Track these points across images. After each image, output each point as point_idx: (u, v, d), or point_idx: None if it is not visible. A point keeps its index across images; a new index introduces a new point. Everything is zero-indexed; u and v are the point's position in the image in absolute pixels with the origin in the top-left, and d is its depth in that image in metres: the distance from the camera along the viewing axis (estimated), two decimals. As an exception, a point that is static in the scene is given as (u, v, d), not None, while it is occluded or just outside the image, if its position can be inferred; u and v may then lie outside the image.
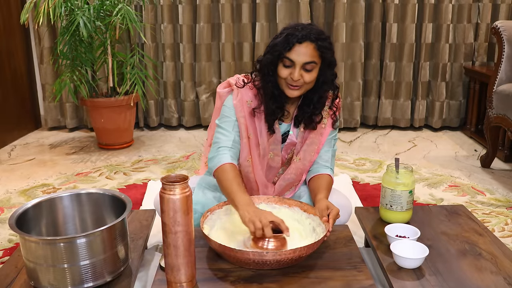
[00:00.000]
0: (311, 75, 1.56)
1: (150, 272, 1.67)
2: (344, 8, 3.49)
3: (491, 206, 2.30)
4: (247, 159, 1.68)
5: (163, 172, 2.81)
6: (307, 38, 1.52)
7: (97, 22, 3.06)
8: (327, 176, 1.68)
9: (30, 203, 1.42)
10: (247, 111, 1.65)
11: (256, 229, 1.36)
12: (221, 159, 1.58)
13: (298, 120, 1.69)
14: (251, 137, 1.67)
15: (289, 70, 1.56)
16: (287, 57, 1.54)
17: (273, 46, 1.57)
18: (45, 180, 2.69)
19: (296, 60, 1.54)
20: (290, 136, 1.71)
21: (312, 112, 1.65)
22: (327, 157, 1.73)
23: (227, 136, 1.64)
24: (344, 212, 1.68)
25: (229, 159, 1.58)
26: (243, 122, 1.65)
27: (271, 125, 1.65)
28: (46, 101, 3.70)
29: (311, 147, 1.70)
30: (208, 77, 3.68)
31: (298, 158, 1.71)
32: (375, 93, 3.75)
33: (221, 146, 1.62)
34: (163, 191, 1.22)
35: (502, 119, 2.60)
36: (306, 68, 1.55)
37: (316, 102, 1.64)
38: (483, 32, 3.57)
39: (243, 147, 1.67)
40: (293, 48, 1.53)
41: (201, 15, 3.53)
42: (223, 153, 1.60)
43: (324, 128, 1.70)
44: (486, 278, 1.35)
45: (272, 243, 1.38)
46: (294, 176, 1.73)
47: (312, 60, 1.54)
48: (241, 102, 1.65)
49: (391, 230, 1.53)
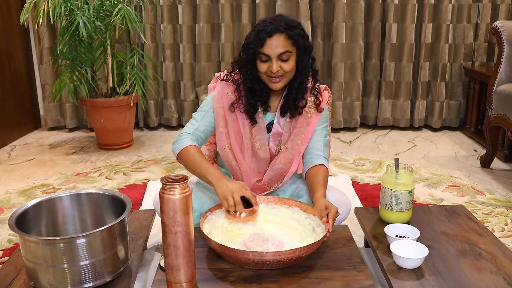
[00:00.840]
0: (288, 64, 1.60)
1: (150, 272, 1.67)
2: (344, 8, 3.49)
3: (490, 206, 2.30)
4: (224, 147, 1.73)
5: (163, 172, 2.81)
6: (276, 30, 1.57)
7: (97, 22, 3.06)
8: (322, 168, 1.69)
9: (30, 203, 1.42)
10: (226, 102, 1.71)
11: (229, 206, 1.47)
12: (182, 143, 1.65)
13: (284, 109, 1.72)
14: (230, 125, 1.71)
15: (267, 64, 1.60)
16: (261, 53, 1.59)
17: (246, 45, 1.62)
18: (44, 180, 2.69)
19: (270, 53, 1.58)
20: (274, 125, 1.74)
21: (295, 97, 1.69)
22: (319, 146, 1.74)
23: (193, 124, 1.72)
24: (343, 209, 1.68)
25: (189, 142, 1.65)
26: (221, 113, 1.71)
27: (251, 117, 1.70)
28: (46, 101, 3.70)
29: (297, 136, 1.72)
30: (208, 77, 3.68)
31: (286, 147, 1.74)
32: (375, 93, 3.75)
33: (182, 132, 1.70)
34: (163, 191, 1.22)
35: (502, 119, 2.60)
36: (282, 58, 1.59)
37: (297, 87, 1.68)
38: (483, 32, 3.57)
39: (220, 136, 1.72)
40: (265, 43, 1.58)
41: (201, 15, 3.53)
42: (183, 137, 1.67)
43: (311, 118, 1.72)
44: (486, 278, 1.35)
45: (243, 214, 1.49)
46: (282, 165, 1.74)
47: (286, 50, 1.58)
48: (221, 94, 1.71)
49: (390, 230, 1.53)
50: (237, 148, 1.73)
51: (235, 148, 1.72)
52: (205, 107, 1.73)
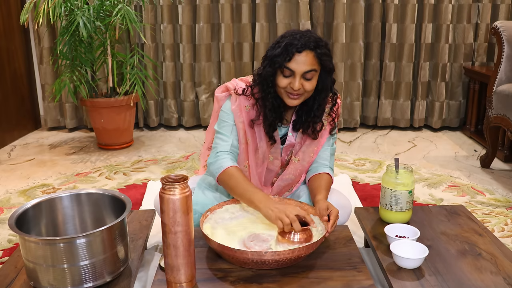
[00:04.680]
0: (311, 83, 1.55)
1: (150, 272, 1.67)
2: (344, 8, 3.49)
3: (490, 206, 2.30)
4: (244, 164, 1.69)
5: (163, 172, 2.81)
6: (307, 46, 1.51)
7: (96, 22, 3.05)
8: (326, 176, 1.68)
9: (29, 203, 1.42)
10: (245, 116, 1.65)
11: (285, 225, 1.38)
12: (222, 164, 1.58)
13: (297, 126, 1.68)
14: (250, 142, 1.67)
15: (288, 80, 1.54)
16: (287, 67, 1.52)
17: (272, 57, 1.54)
18: (44, 180, 2.69)
19: (296, 69, 1.52)
20: (289, 137, 1.71)
21: (313, 120, 1.64)
22: (325, 156, 1.73)
23: (226, 141, 1.64)
24: (344, 212, 1.68)
25: (230, 163, 1.59)
26: (242, 128, 1.65)
27: (271, 136, 1.65)
28: (46, 101, 3.70)
29: (310, 148, 1.70)
30: (207, 77, 3.68)
31: (297, 159, 1.71)
32: (375, 93, 3.75)
33: (220, 151, 1.62)
34: (163, 191, 1.22)
35: (502, 119, 2.60)
36: (306, 76, 1.53)
37: (316, 110, 1.63)
38: (483, 32, 3.57)
39: (241, 152, 1.68)
40: (293, 58, 1.51)
41: (201, 15, 3.53)
42: (223, 157, 1.60)
43: (324, 130, 1.70)
44: (486, 278, 1.35)
45: (298, 236, 1.40)
46: (293, 176, 1.74)
47: (312, 68, 1.53)
48: (240, 108, 1.65)
49: (390, 230, 1.53)
50: (254, 163, 1.70)
51: (251, 163, 1.70)
52: (229, 121, 1.65)
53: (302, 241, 1.40)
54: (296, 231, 1.39)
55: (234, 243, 1.43)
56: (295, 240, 1.40)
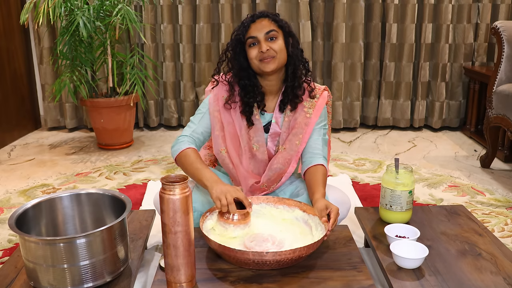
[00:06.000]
0: (277, 43, 1.64)
1: (150, 272, 1.67)
2: (344, 8, 3.49)
3: (490, 206, 2.30)
4: (220, 150, 1.73)
5: (163, 172, 2.81)
6: (260, 15, 1.66)
7: (97, 22, 3.05)
8: (321, 168, 1.68)
9: (29, 203, 1.42)
10: (221, 105, 1.72)
11: (222, 206, 1.47)
12: (180, 146, 1.66)
13: (284, 104, 1.72)
14: (226, 128, 1.72)
15: (256, 48, 1.64)
16: (248, 37, 1.64)
17: (234, 37, 1.68)
18: (44, 180, 2.69)
19: (257, 34, 1.63)
20: (272, 125, 1.74)
21: (292, 86, 1.70)
22: (318, 146, 1.74)
23: (190, 127, 1.73)
24: (343, 208, 1.68)
25: (187, 145, 1.66)
26: (217, 116, 1.72)
27: (248, 118, 1.71)
28: (46, 101, 3.70)
29: (296, 136, 1.72)
30: (208, 77, 3.68)
31: (284, 148, 1.73)
32: (375, 93, 3.75)
33: (181, 135, 1.71)
34: (163, 191, 1.22)
35: (502, 119, 2.60)
36: (270, 37, 1.63)
37: (291, 75, 1.69)
38: (483, 32, 3.57)
39: (216, 139, 1.73)
40: (250, 28, 1.65)
41: (201, 15, 3.53)
42: (181, 141, 1.68)
43: (309, 118, 1.72)
44: (486, 278, 1.35)
45: (236, 217, 1.48)
46: (281, 165, 1.74)
47: (271, 28, 1.64)
48: (217, 97, 1.73)
49: (390, 230, 1.53)
50: (234, 151, 1.73)
51: (231, 151, 1.73)
52: (202, 109, 1.74)
53: (237, 223, 1.47)
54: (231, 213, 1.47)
55: (234, 244, 1.43)
56: (232, 220, 1.47)
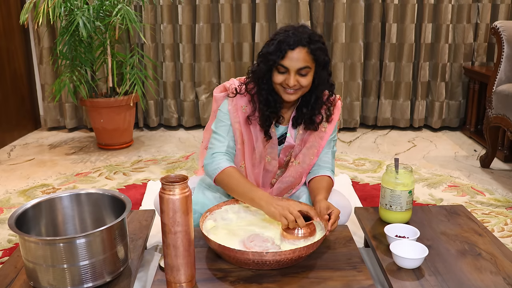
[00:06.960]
0: (306, 79, 1.56)
1: (150, 272, 1.67)
2: (343, 8, 3.49)
3: (490, 206, 2.30)
4: (240, 165, 1.69)
5: (163, 172, 2.81)
6: (299, 43, 1.52)
7: (96, 22, 3.05)
8: (327, 178, 1.68)
9: (29, 203, 1.42)
10: (241, 116, 1.65)
11: (290, 222, 1.40)
12: (220, 165, 1.59)
13: (297, 122, 1.69)
14: (246, 143, 1.67)
15: (284, 76, 1.56)
16: (281, 65, 1.54)
17: (265, 55, 1.56)
18: (44, 180, 2.69)
19: (290, 66, 1.53)
20: (287, 138, 1.71)
21: (311, 113, 1.65)
22: (327, 159, 1.73)
23: (222, 141, 1.64)
24: (344, 213, 1.67)
25: (227, 163, 1.59)
26: (238, 128, 1.65)
27: (266, 131, 1.65)
28: (46, 101, 3.70)
29: (310, 151, 1.70)
30: (207, 77, 3.68)
31: (297, 162, 1.71)
32: (375, 93, 3.75)
33: (215, 152, 1.63)
34: (163, 191, 1.22)
35: (502, 119, 2.60)
36: (301, 73, 1.55)
37: (313, 103, 1.64)
38: (483, 32, 3.57)
39: (237, 153, 1.68)
40: (286, 55, 1.53)
41: (201, 15, 3.53)
42: (220, 158, 1.60)
43: (325, 132, 1.70)
44: (486, 278, 1.35)
45: (302, 231, 1.42)
46: (292, 179, 1.73)
47: (306, 65, 1.54)
48: (236, 108, 1.65)
49: (390, 230, 1.53)
50: (250, 163, 1.70)
51: (248, 163, 1.70)
52: (225, 121, 1.66)
53: (307, 235, 1.41)
54: (300, 227, 1.41)
55: (234, 244, 1.43)
56: (300, 235, 1.41)
